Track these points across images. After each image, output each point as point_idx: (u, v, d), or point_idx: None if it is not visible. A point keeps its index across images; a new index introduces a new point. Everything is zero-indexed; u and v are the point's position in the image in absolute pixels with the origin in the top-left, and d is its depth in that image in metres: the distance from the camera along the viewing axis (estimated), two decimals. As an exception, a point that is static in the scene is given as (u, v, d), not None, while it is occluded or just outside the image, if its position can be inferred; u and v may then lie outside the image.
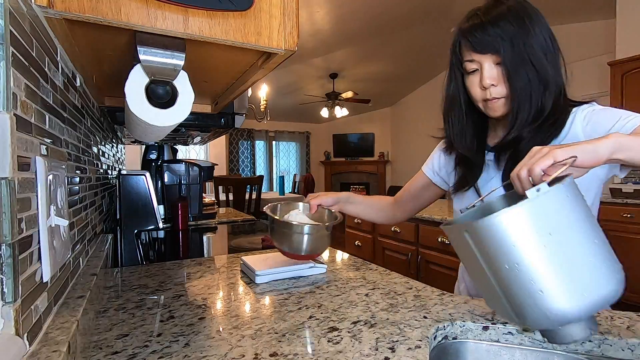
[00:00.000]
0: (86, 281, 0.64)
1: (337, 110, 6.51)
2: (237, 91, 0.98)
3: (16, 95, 0.38)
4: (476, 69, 0.74)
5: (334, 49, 5.23)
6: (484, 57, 0.72)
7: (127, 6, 0.51)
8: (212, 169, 1.92)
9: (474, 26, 0.71)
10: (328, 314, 0.66)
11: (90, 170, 0.93)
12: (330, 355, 0.52)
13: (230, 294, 0.78)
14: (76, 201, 0.70)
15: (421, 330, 0.59)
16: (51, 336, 0.42)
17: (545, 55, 0.69)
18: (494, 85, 0.72)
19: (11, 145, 0.35)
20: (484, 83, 0.72)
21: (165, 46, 0.61)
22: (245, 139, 7.84)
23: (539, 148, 0.53)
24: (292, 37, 0.64)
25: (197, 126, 1.34)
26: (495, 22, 0.69)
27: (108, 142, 1.46)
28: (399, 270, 1.15)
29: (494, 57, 0.70)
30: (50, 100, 0.53)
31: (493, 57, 0.71)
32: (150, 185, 1.39)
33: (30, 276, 0.40)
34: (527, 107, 0.70)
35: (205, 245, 1.41)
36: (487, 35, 0.70)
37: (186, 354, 0.52)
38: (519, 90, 0.70)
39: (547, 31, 0.71)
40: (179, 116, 0.68)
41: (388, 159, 7.98)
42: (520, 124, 0.71)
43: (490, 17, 0.70)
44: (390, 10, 4.22)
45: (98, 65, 0.80)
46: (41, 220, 0.43)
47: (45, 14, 0.48)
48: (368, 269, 0.96)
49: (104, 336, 0.58)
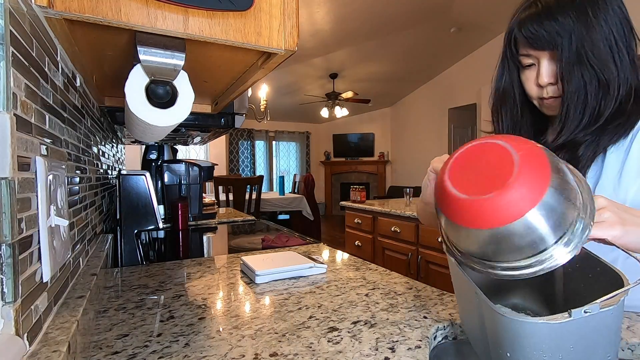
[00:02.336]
0: (86, 281, 0.64)
1: (337, 110, 6.51)
2: (237, 91, 0.98)
3: (16, 95, 0.38)
4: (532, 63, 0.67)
5: (334, 49, 5.23)
6: (541, 53, 0.65)
7: (127, 6, 0.51)
8: (212, 169, 1.92)
9: (529, 17, 0.64)
10: (328, 314, 0.66)
11: (90, 170, 0.93)
12: (330, 355, 0.52)
13: (230, 294, 0.78)
14: (76, 201, 0.70)
15: (421, 330, 0.60)
16: (51, 336, 0.42)
17: (611, 53, 0.61)
18: (552, 84, 0.65)
19: (11, 145, 0.35)
20: (541, 81, 0.66)
21: (165, 46, 0.61)
22: (245, 139, 7.84)
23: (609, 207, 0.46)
24: (292, 37, 0.64)
25: (197, 126, 1.34)
26: (553, 14, 0.61)
27: (108, 142, 1.46)
28: (399, 270, 1.15)
29: (552, 53, 0.63)
30: (50, 100, 0.53)
31: (551, 53, 0.64)
32: (150, 185, 1.39)
33: (30, 276, 0.40)
34: (579, 110, 0.63)
35: (205, 245, 1.41)
36: (544, 29, 0.62)
37: (186, 354, 0.52)
38: (571, 93, 0.63)
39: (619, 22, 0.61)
40: (179, 116, 0.68)
41: (388, 159, 7.98)
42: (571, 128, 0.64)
43: (548, 6, 0.62)
44: (390, 10, 4.23)
45: (98, 65, 0.80)
46: (41, 220, 0.43)
47: (45, 14, 0.48)
48: (368, 269, 0.96)
49: (104, 336, 0.58)
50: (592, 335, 0.42)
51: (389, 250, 2.66)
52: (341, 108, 6.54)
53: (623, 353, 0.56)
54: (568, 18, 0.60)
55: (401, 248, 2.53)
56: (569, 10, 0.60)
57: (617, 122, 0.62)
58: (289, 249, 1.20)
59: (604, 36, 0.60)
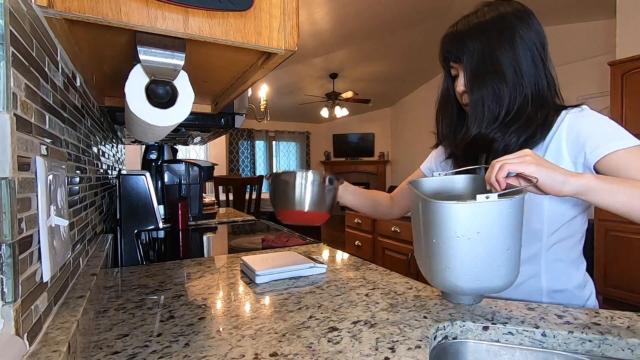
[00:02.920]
0: (86, 281, 0.64)
1: (337, 110, 6.51)
2: (237, 91, 0.98)
3: (16, 95, 0.38)
4: (457, 74, 0.81)
5: (334, 49, 5.23)
6: (459, 66, 0.79)
7: (127, 6, 0.51)
8: (212, 169, 1.92)
9: (446, 36, 0.79)
10: (328, 314, 0.66)
11: (90, 170, 0.93)
12: (330, 355, 0.52)
13: (230, 294, 0.78)
14: (76, 201, 0.70)
15: (421, 330, 0.60)
16: (51, 336, 0.42)
17: (512, 69, 0.73)
18: (466, 92, 0.78)
19: (11, 145, 0.35)
20: (457, 89, 0.80)
21: (165, 46, 0.61)
22: (245, 139, 7.84)
23: (517, 154, 0.61)
24: (292, 37, 0.64)
25: (197, 126, 1.34)
26: (462, 36, 0.76)
27: (108, 142, 1.46)
28: (399, 270, 1.15)
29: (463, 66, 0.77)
30: (50, 100, 0.53)
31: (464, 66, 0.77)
32: (150, 185, 1.39)
33: (30, 276, 0.40)
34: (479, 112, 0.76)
35: (205, 245, 1.41)
36: (453, 47, 0.77)
37: (186, 354, 0.52)
38: (473, 100, 0.76)
39: (525, 46, 0.73)
40: (179, 116, 0.68)
41: (388, 159, 7.98)
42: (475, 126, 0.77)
43: (461, 30, 0.77)
44: (390, 10, 4.22)
45: (98, 65, 0.80)
46: (41, 220, 0.43)
47: (45, 14, 0.48)
48: (368, 269, 0.96)
49: (104, 336, 0.58)
50: (494, 224, 0.56)
51: (389, 250, 2.66)
52: (341, 108, 6.53)
53: (623, 353, 0.56)
54: (474, 41, 0.74)
55: (401, 248, 2.53)
56: (476, 34, 0.74)
57: (518, 124, 0.74)
58: (289, 249, 1.20)
59: (505, 57, 0.73)
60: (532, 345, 0.60)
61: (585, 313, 0.65)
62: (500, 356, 0.61)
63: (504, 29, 0.73)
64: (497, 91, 0.74)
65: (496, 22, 0.73)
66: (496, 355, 0.61)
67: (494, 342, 0.62)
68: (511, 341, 0.61)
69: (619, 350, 0.56)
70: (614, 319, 0.63)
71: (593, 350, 0.57)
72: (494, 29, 0.73)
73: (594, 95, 4.00)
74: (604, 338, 0.57)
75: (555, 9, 4.04)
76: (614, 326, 0.60)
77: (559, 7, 3.99)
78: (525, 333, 0.60)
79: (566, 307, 0.68)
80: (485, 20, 0.74)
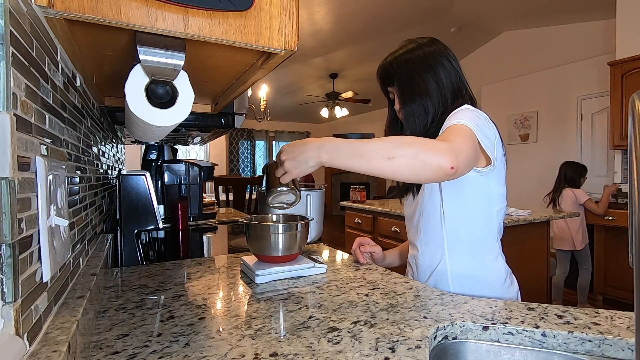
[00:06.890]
0: (86, 281, 0.64)
1: (337, 110, 6.51)
2: (237, 91, 0.98)
3: (16, 95, 0.38)
4: (394, 97, 0.97)
5: (334, 49, 5.23)
6: (393, 89, 0.96)
7: (127, 6, 0.51)
8: (212, 169, 1.91)
9: (381, 65, 0.97)
10: (328, 314, 0.66)
11: (90, 170, 0.93)
12: (330, 355, 0.52)
13: (230, 294, 0.78)
14: (76, 201, 0.70)
15: (421, 330, 0.59)
16: (51, 336, 0.42)
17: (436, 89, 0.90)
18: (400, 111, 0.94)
19: (11, 145, 0.35)
20: (395, 107, 0.97)
21: (165, 46, 0.61)
22: (245, 139, 7.84)
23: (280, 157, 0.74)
24: (292, 37, 0.64)
25: (197, 126, 1.34)
26: (392, 64, 0.94)
27: (108, 142, 1.46)
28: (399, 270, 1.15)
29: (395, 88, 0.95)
30: (50, 100, 0.53)
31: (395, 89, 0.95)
32: (150, 185, 1.39)
33: (30, 276, 0.40)
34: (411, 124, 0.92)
35: (205, 245, 1.41)
36: (386, 74, 0.96)
37: (186, 354, 0.52)
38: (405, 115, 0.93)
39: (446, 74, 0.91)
40: (179, 116, 0.68)
41: (388, 159, 7.97)
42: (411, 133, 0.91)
43: (389, 60, 0.95)
44: (390, 10, 4.22)
45: (98, 65, 0.80)
46: (41, 220, 0.43)
47: (46, 14, 0.48)
48: (368, 269, 0.96)
49: (104, 336, 0.58)
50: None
51: (389, 250, 2.66)
52: (341, 108, 6.53)
53: (623, 353, 0.56)
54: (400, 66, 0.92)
55: (401, 248, 2.52)
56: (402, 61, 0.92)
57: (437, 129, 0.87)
58: (289, 249, 1.19)
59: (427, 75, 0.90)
60: (532, 345, 0.60)
61: (585, 313, 0.65)
62: (500, 356, 0.61)
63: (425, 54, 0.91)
64: (424, 105, 0.90)
65: (416, 50, 0.92)
66: (496, 355, 0.61)
67: (494, 342, 0.62)
68: (511, 341, 0.61)
69: (619, 350, 0.56)
70: (614, 319, 0.63)
71: (593, 350, 0.57)
72: (416, 56, 0.91)
73: (594, 95, 4.00)
74: (604, 338, 0.57)
75: (555, 9, 4.04)
76: (614, 326, 0.60)
77: (559, 7, 4.00)
78: (525, 333, 0.60)
79: (566, 307, 0.68)
80: (408, 50, 0.93)
